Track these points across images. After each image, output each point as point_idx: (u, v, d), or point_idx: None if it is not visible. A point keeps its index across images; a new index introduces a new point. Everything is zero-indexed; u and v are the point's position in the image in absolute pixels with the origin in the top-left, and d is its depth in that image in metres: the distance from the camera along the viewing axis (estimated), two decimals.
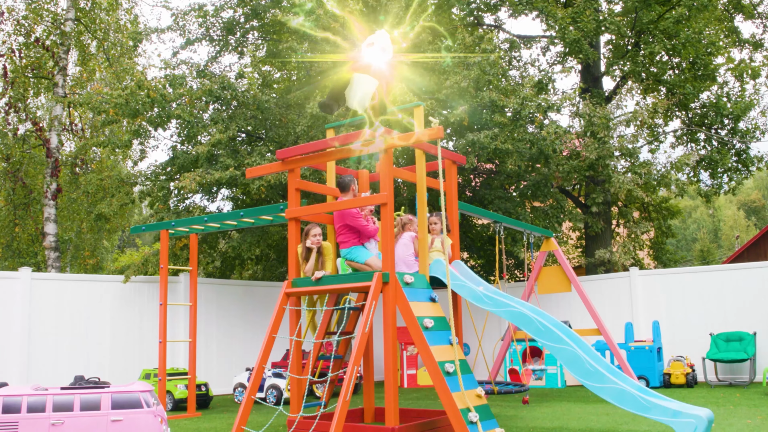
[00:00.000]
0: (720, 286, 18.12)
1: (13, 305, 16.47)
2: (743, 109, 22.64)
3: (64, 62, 24.19)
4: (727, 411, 12.07)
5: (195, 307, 15.27)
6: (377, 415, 11.81)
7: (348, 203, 10.46)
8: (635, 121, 21.37)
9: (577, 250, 29.03)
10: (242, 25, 22.51)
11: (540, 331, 9.82)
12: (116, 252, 45.14)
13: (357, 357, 8.93)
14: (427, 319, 9.42)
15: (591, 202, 21.42)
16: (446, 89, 18.77)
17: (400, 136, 10.02)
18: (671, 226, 27.90)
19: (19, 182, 25.00)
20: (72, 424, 7.90)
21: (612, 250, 21.95)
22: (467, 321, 18.05)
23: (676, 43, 21.50)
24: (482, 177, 22.54)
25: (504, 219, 14.93)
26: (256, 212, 13.26)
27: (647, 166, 20.90)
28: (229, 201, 23.15)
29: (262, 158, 18.29)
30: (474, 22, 24.66)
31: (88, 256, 28.15)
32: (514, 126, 18.90)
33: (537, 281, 16.39)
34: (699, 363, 17.62)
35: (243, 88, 19.44)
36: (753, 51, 25.06)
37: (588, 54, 21.24)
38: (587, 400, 14.51)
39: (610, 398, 9.12)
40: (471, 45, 19.28)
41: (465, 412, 8.71)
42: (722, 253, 66.18)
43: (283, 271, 23.60)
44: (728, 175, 24.11)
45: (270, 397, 15.61)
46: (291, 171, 10.95)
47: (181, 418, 14.02)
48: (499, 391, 12.95)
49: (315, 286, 10.28)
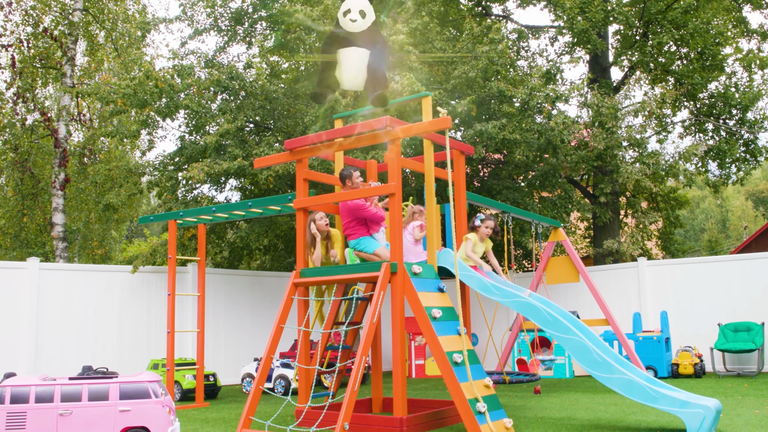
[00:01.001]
0: (728, 276, 18.09)
1: (21, 295, 16.49)
2: (751, 99, 22.57)
3: (72, 52, 24.18)
4: (735, 401, 12.06)
5: (203, 298, 15.28)
6: (385, 406, 11.83)
7: (356, 193, 10.45)
8: (643, 111, 21.34)
9: (585, 240, 29.03)
10: (250, 15, 22.48)
11: (548, 321, 9.83)
12: (124, 242, 45.23)
13: (365, 347, 8.94)
14: (435, 309, 9.43)
15: (599, 192, 21.39)
16: (454, 79, 18.74)
17: (409, 126, 10.01)
18: (679, 217, 27.89)
19: (27, 172, 25.02)
20: (80, 414, 7.92)
21: (620, 241, 21.93)
22: (476, 311, 18.05)
23: (684, 33, 21.44)
24: (490, 167, 22.53)
25: (512, 209, 14.92)
26: (264, 202, 13.27)
27: (655, 157, 20.87)
28: (238, 191, 23.15)
29: (270, 148, 18.28)
30: (482, 12, 24.63)
31: (96, 247, 28.18)
32: (522, 116, 18.88)
33: (545, 271, 16.39)
34: (707, 353, 17.60)
35: (251, 78, 19.41)
36: (761, 41, 24.98)
37: (596, 44, 21.21)
38: (595, 391, 14.50)
39: (618, 388, 9.13)
40: (479, 35, 19.26)
41: (473, 403, 8.72)
42: (730, 244, 66.08)
43: (292, 262, 23.60)
44: (736, 165, 24.05)
45: (278, 388, 15.62)
46: (299, 161, 10.96)
47: (189, 408, 14.04)
48: (510, 381, 12.95)
49: (323, 276, 10.29)
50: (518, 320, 16.12)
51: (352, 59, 9.92)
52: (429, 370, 19.65)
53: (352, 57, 9.90)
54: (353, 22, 9.69)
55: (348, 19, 9.69)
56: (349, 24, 9.73)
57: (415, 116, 18.05)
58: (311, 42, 20.02)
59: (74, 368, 15.93)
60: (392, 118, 9.84)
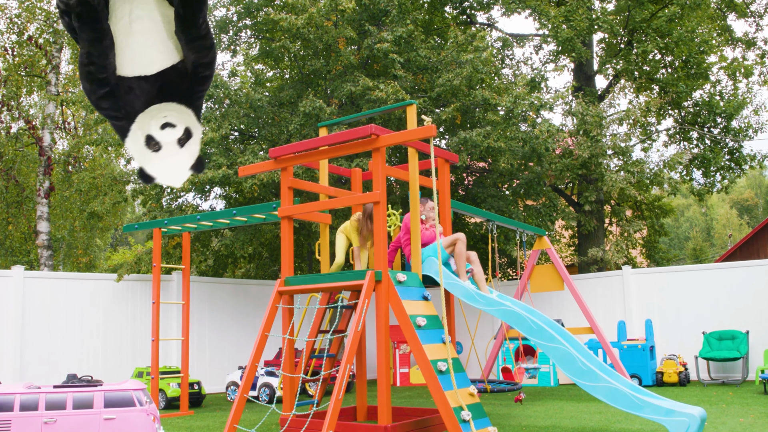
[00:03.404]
0: (713, 284, 18.13)
1: (5, 303, 16.44)
2: (736, 107, 22.68)
3: (57, 60, 24.16)
4: (720, 409, 12.08)
5: (188, 306, 15.27)
6: (370, 414, 11.83)
7: (340, 201, 10.46)
8: (628, 119, 21.40)
9: (569, 249, 29.07)
10: (235, 24, 22.48)
11: (533, 329, 9.84)
12: (109, 250, 45.11)
13: (350, 355, 8.93)
14: (419, 317, 9.43)
15: (584, 201, 21.43)
16: (439, 87, 18.77)
17: (393, 135, 10.02)
18: (664, 225, 27.96)
19: (12, 180, 24.98)
20: (65, 423, 7.89)
21: (605, 249, 21.96)
22: (460, 319, 18.07)
23: (669, 41, 21.51)
24: (475, 175, 22.56)
25: (497, 217, 14.95)
26: (248, 210, 13.27)
27: (640, 165, 20.93)
28: (222, 199, 23.13)
29: (254, 157, 18.27)
30: (467, 21, 24.69)
31: (81, 255, 28.15)
32: (506, 124, 18.93)
33: (530, 280, 16.41)
34: (692, 361, 17.64)
35: (236, 87, 19.41)
36: (746, 49, 25.12)
37: (581, 52, 21.27)
38: (580, 399, 14.52)
39: (603, 397, 9.14)
40: (464, 43, 19.29)
41: (458, 411, 8.72)
42: (715, 252, 66.25)
43: (276, 270, 23.59)
44: (721, 173, 24.15)
45: (263, 396, 15.61)
46: (284, 169, 10.96)
47: (173, 416, 14.01)
48: (492, 390, 12.95)
49: (308, 285, 10.28)
50: (503, 329, 16.13)
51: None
52: (414, 379, 19.65)
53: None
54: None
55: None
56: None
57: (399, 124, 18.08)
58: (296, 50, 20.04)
59: (59, 376, 15.87)
60: (377, 126, 9.85)
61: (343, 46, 19.25)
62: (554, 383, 18.00)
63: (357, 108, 18.93)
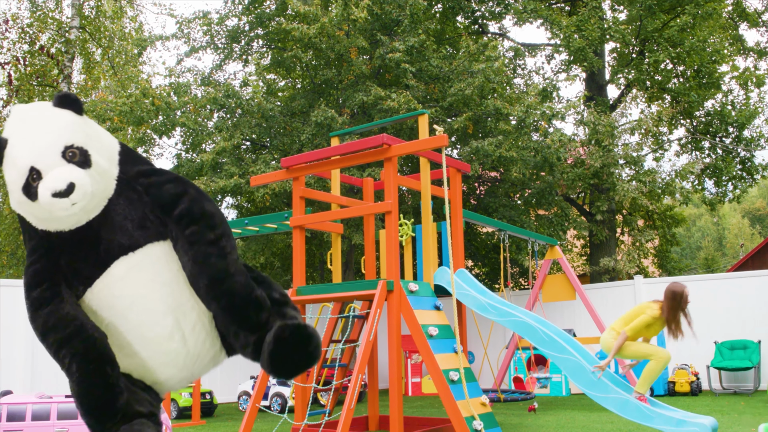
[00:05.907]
0: (724, 294, 18.07)
1: (17, 313, 16.42)
2: (748, 117, 22.62)
3: (68, 70, 24.22)
4: (732, 419, 12.04)
5: None
6: (382, 423, 11.81)
7: (352, 211, 10.47)
8: (640, 129, 21.36)
9: (581, 258, 29.04)
10: (247, 33, 22.52)
11: (544, 341, 9.83)
12: None
13: (361, 365, 8.93)
14: (431, 327, 9.43)
15: (595, 210, 21.40)
16: (450, 97, 18.78)
17: (405, 144, 10.02)
18: (676, 234, 27.92)
19: None
20: None
21: (616, 258, 21.92)
22: (472, 329, 18.05)
23: (681, 51, 21.48)
24: (487, 185, 22.56)
25: (508, 227, 14.94)
26: (260, 220, 13.28)
27: (652, 174, 20.90)
28: (234, 209, 23.15)
29: (266, 166, 18.29)
30: (479, 30, 24.70)
31: None
32: (518, 134, 18.93)
33: (541, 289, 16.40)
34: (703, 371, 17.58)
35: (247, 96, 19.43)
36: (758, 59, 25.06)
37: (592, 62, 21.25)
38: (591, 409, 14.48)
39: (613, 408, 9.13)
40: (475, 53, 19.30)
41: (470, 421, 8.72)
42: (727, 262, 66.04)
43: (288, 279, 23.58)
44: (733, 183, 24.09)
45: (274, 405, 15.60)
46: (295, 179, 10.97)
47: (185, 426, 14.01)
48: (505, 399, 12.93)
49: (320, 294, 10.28)
50: (514, 338, 16.11)
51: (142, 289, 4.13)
52: (425, 388, 19.62)
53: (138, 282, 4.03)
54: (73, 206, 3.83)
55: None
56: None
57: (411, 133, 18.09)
58: (308, 60, 20.08)
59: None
60: (388, 136, 9.86)
61: (355, 55, 19.28)
62: (566, 393, 17.96)
63: (369, 118, 18.95)
